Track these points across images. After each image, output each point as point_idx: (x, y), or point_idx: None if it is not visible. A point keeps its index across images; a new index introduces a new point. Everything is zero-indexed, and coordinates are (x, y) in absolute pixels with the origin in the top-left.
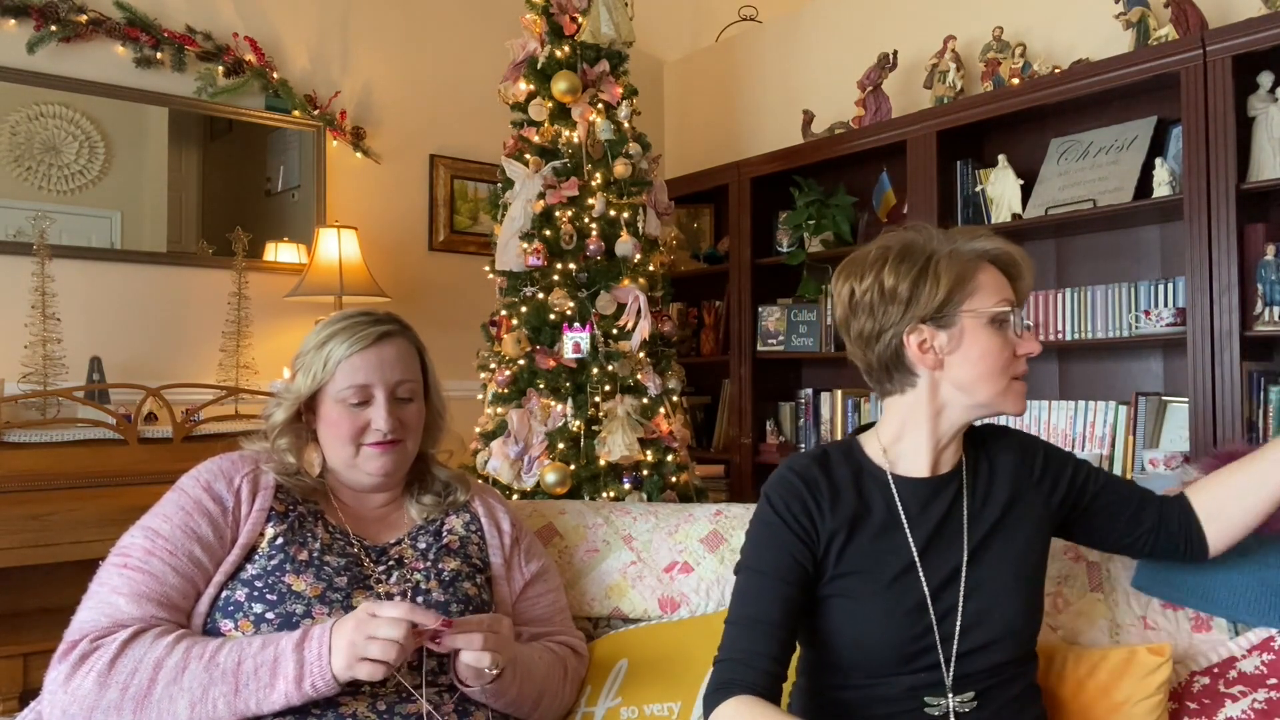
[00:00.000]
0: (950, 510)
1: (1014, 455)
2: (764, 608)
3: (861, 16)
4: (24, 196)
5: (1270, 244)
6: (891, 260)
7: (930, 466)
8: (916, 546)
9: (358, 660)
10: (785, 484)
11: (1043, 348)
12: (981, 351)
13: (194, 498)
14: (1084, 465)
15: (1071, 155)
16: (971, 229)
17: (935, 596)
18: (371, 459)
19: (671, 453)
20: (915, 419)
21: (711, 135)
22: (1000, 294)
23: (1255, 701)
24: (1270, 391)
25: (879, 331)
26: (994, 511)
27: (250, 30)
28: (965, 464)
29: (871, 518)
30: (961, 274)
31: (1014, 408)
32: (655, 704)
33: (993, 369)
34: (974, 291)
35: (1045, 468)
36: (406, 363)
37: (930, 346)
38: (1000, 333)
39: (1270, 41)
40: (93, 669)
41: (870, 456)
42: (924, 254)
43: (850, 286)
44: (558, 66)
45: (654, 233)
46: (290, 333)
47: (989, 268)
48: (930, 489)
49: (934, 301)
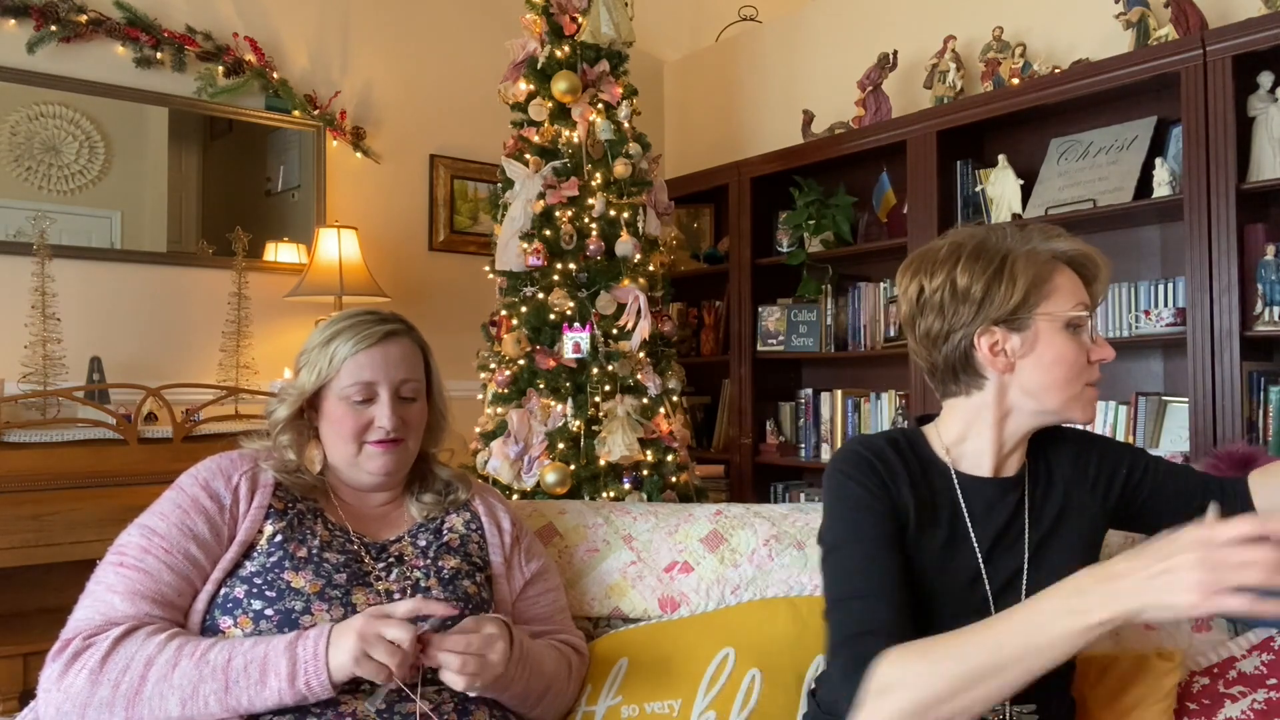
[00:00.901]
0: (1014, 514)
1: (1069, 457)
2: (876, 577)
3: (861, 16)
4: (24, 196)
5: (1270, 244)
6: (965, 258)
7: (994, 469)
8: (981, 550)
9: (363, 656)
10: (857, 457)
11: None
12: (1056, 357)
13: (191, 496)
14: (1141, 459)
15: (1071, 155)
16: (1048, 228)
17: (997, 601)
18: (373, 458)
19: (671, 453)
20: (980, 422)
21: (711, 135)
22: (1076, 297)
23: (1255, 702)
24: (1270, 391)
25: (948, 331)
26: (1051, 514)
27: (250, 30)
28: (1027, 466)
29: (939, 513)
30: (1038, 275)
31: (1084, 415)
32: (656, 702)
33: (1066, 375)
34: (1050, 294)
35: (1099, 469)
36: (411, 362)
37: (1002, 349)
38: (1075, 338)
39: (1270, 41)
40: (85, 667)
41: (934, 450)
42: (999, 253)
43: (919, 284)
44: (558, 66)
45: (654, 233)
46: (290, 333)
47: (1065, 269)
48: (995, 490)
49: (1009, 303)
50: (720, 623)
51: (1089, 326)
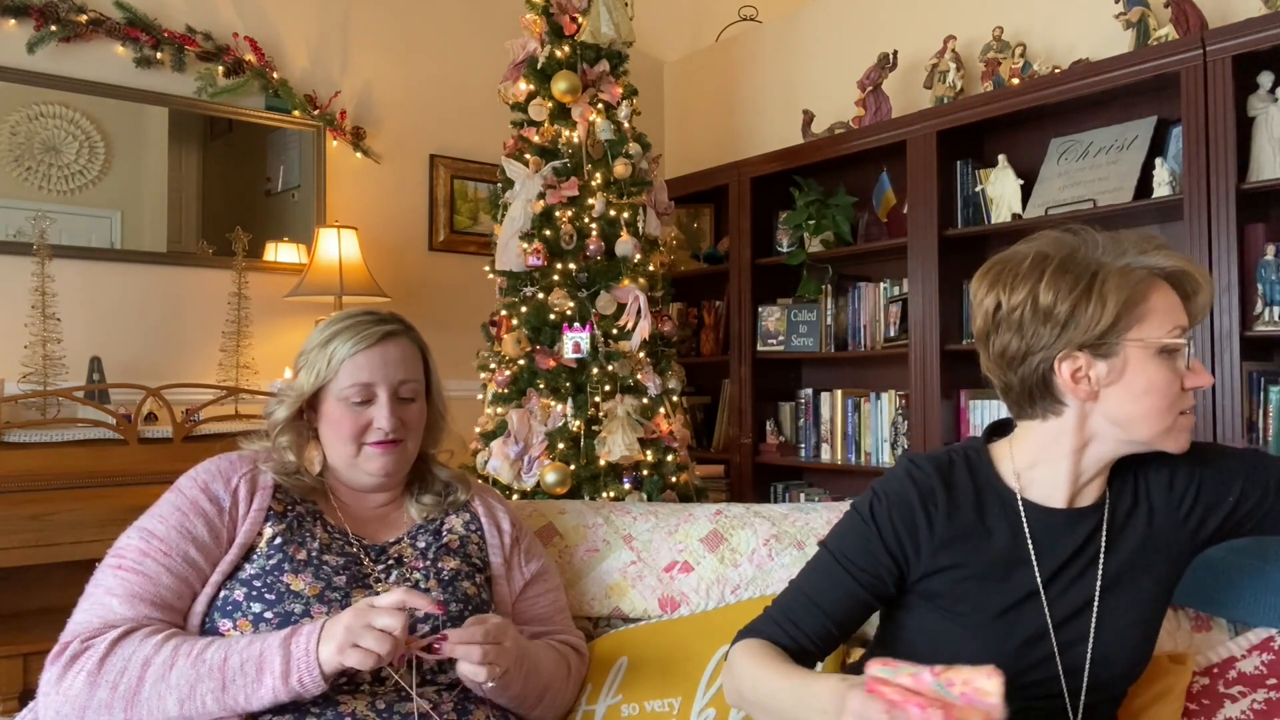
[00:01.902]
0: (1086, 544)
1: (1164, 484)
2: (825, 593)
3: (861, 16)
4: (24, 196)
5: (1270, 244)
6: (1051, 272)
7: (1067, 499)
8: (1042, 576)
9: (350, 646)
10: (899, 492)
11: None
12: (1147, 386)
13: (190, 498)
14: (1258, 481)
15: (1071, 155)
16: (1145, 238)
17: (1059, 628)
18: (372, 459)
19: (671, 453)
20: (1056, 450)
21: (711, 135)
22: (1174, 320)
23: (1255, 702)
24: (1270, 391)
25: (1026, 353)
26: (1130, 548)
27: (250, 30)
28: (1109, 495)
29: (991, 543)
30: (1132, 296)
31: (1176, 446)
32: (656, 700)
33: (1158, 406)
34: (1144, 317)
35: (1197, 499)
36: (410, 363)
37: (1086, 376)
38: (1170, 364)
39: (1270, 41)
40: (83, 669)
41: (1001, 475)
42: (1089, 268)
43: (997, 297)
44: (558, 66)
45: (654, 233)
46: (290, 333)
47: (1163, 287)
48: (1065, 521)
49: (1097, 326)
50: (720, 622)
51: (1186, 351)
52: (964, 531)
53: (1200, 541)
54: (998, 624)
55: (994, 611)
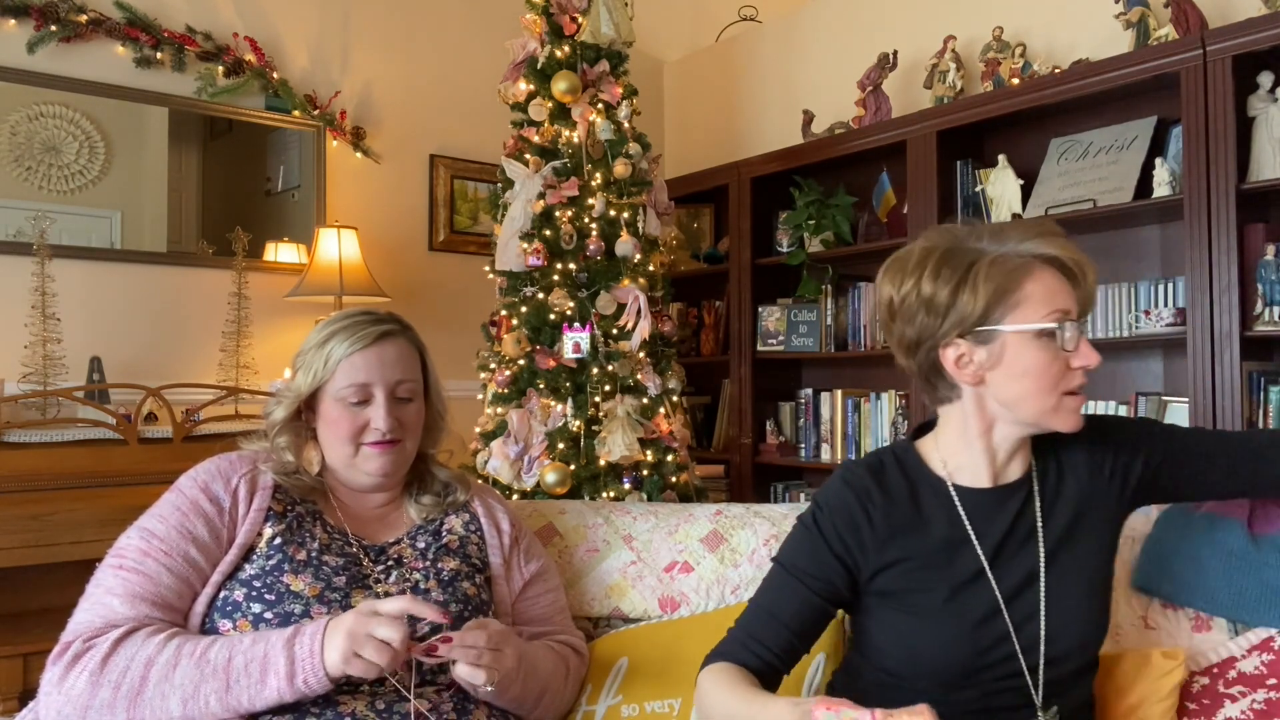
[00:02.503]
0: (1019, 517)
1: (1084, 454)
2: (782, 605)
3: (861, 16)
4: (24, 196)
5: (1270, 244)
6: (933, 264)
7: (992, 478)
8: (986, 556)
9: (353, 655)
10: (837, 497)
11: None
12: (1024, 369)
13: (191, 498)
14: (1159, 441)
15: (1071, 155)
16: (1032, 224)
17: (1009, 604)
18: (370, 459)
19: (671, 453)
20: (968, 434)
21: (711, 135)
22: (1050, 304)
23: (1255, 702)
24: (1270, 391)
25: (918, 341)
26: (1065, 515)
27: (250, 30)
28: (1035, 467)
29: (929, 531)
30: (1005, 284)
31: (1066, 425)
32: (656, 701)
33: (1038, 387)
34: (1020, 303)
35: (1115, 463)
36: (407, 363)
37: (969, 361)
38: (1049, 347)
39: (1270, 41)
40: (85, 669)
41: (930, 466)
42: (967, 258)
43: (890, 290)
44: (558, 66)
45: (654, 233)
46: (290, 333)
47: (1043, 272)
48: (996, 498)
49: (972, 314)
50: (720, 623)
51: (1068, 334)
52: (903, 525)
53: (1127, 500)
54: (950, 607)
55: (944, 595)
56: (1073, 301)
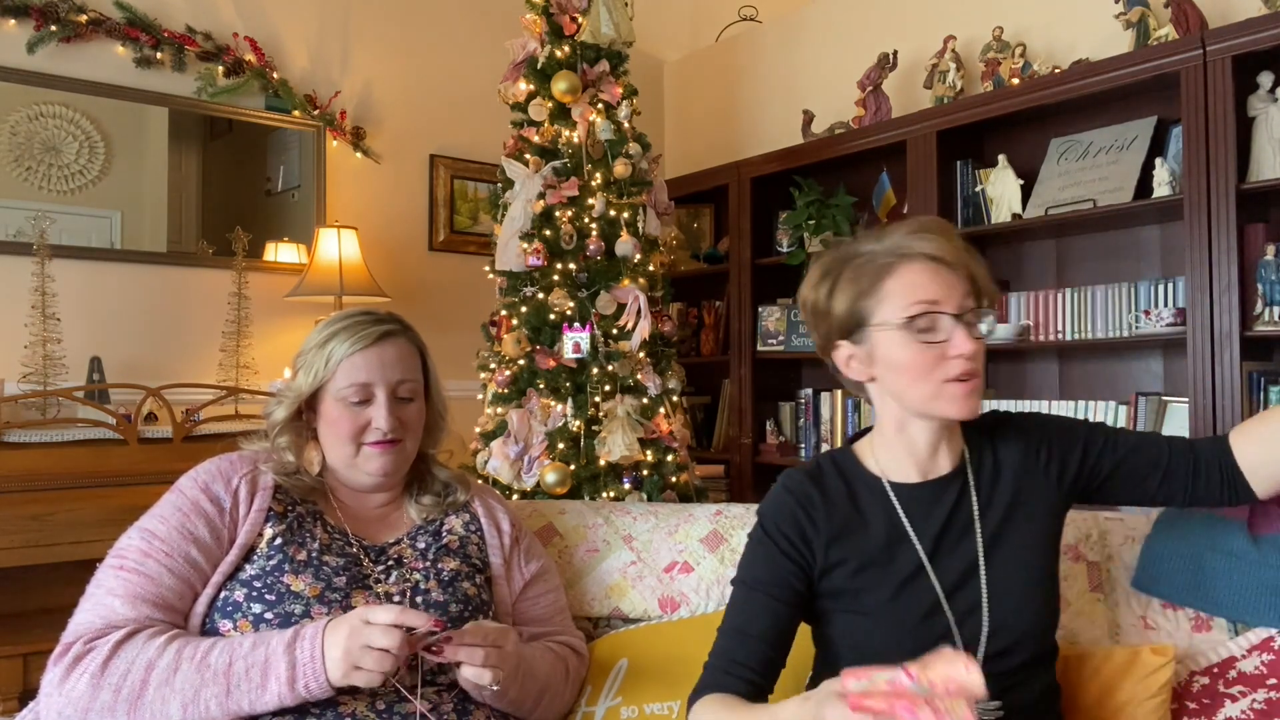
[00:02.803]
0: (955, 510)
1: (1019, 443)
2: (751, 621)
3: (861, 16)
4: (24, 196)
5: (1270, 244)
6: (816, 273)
7: (921, 472)
8: (925, 551)
9: (352, 669)
10: (778, 503)
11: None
12: (897, 362)
13: (191, 499)
14: (1098, 435)
15: (1071, 155)
16: (910, 222)
17: (950, 598)
18: (371, 459)
19: (671, 453)
20: (888, 429)
21: (711, 135)
22: (912, 295)
23: (1255, 702)
24: (1270, 391)
25: (821, 346)
26: (1002, 506)
27: (250, 30)
28: (969, 459)
29: (870, 531)
30: (866, 284)
31: (955, 412)
32: (655, 703)
33: (914, 377)
34: (882, 300)
35: (1051, 452)
36: (408, 363)
37: (855, 361)
38: (914, 339)
39: (1270, 41)
40: (86, 670)
41: (866, 466)
42: (840, 263)
43: (799, 299)
44: (558, 66)
45: (654, 233)
46: (290, 333)
47: (908, 267)
48: (931, 492)
49: (842, 316)
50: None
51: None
52: (845, 525)
53: (1065, 490)
54: (894, 605)
55: (888, 593)
56: (945, 292)
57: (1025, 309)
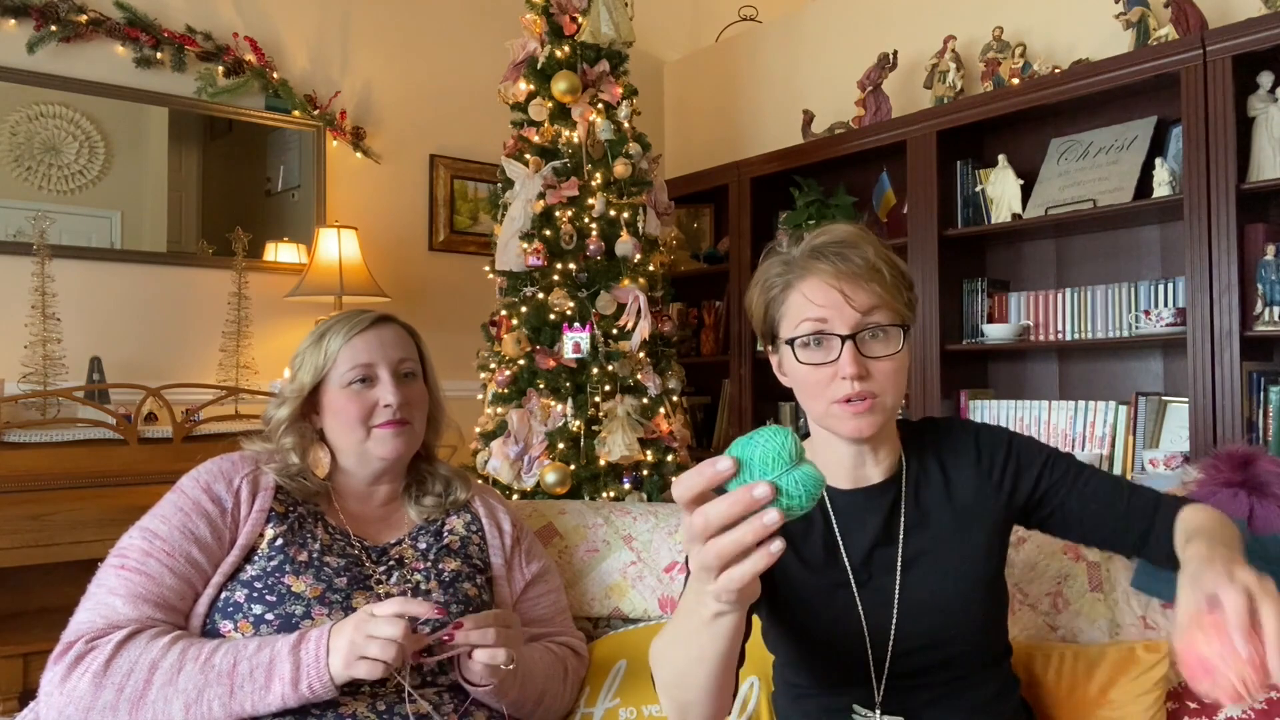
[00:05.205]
0: (889, 518)
1: (969, 453)
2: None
3: (861, 16)
4: (24, 196)
5: (1270, 244)
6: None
7: (852, 480)
8: (852, 560)
9: (357, 659)
10: None
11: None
12: (793, 378)
13: (193, 499)
14: (1061, 470)
15: (1071, 155)
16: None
17: (866, 608)
18: (382, 441)
19: (671, 453)
20: (819, 436)
21: (711, 135)
22: (802, 314)
23: (1255, 701)
24: (1270, 391)
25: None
26: (942, 516)
27: (250, 30)
28: (906, 468)
29: (811, 536)
30: (773, 296)
31: (845, 431)
32: (654, 705)
33: (807, 396)
34: (784, 315)
35: (1005, 467)
36: (405, 344)
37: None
38: (807, 356)
39: (1270, 41)
40: (88, 670)
41: None
42: (762, 271)
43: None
44: (558, 66)
45: (654, 233)
46: (290, 333)
47: (803, 283)
48: (864, 499)
49: (760, 325)
50: None
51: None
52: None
53: (1016, 509)
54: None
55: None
56: (836, 312)
57: (1025, 309)
